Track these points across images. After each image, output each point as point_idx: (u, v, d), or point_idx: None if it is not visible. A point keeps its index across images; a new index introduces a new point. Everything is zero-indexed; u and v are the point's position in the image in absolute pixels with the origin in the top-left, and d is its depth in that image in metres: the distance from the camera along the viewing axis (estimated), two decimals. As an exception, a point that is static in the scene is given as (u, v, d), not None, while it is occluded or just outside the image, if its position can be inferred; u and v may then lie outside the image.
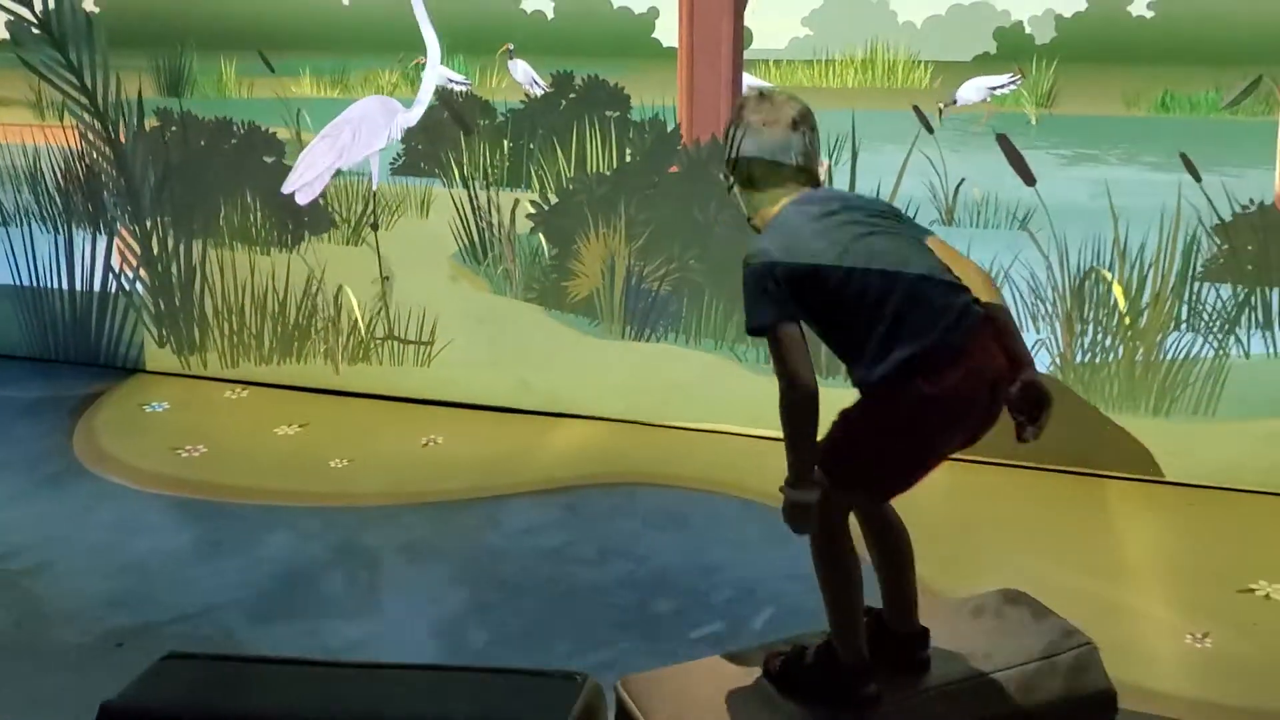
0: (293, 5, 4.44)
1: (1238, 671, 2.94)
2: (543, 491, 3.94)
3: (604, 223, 4.29)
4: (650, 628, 3.12)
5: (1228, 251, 3.71)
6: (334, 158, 4.41)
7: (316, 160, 4.43)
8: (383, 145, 4.38)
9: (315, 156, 4.45)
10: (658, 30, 4.08)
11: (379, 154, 4.43)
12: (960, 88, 3.85)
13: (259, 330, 4.85)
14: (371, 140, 4.35)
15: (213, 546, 3.59)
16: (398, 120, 4.33)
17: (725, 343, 4.29)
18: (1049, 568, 3.35)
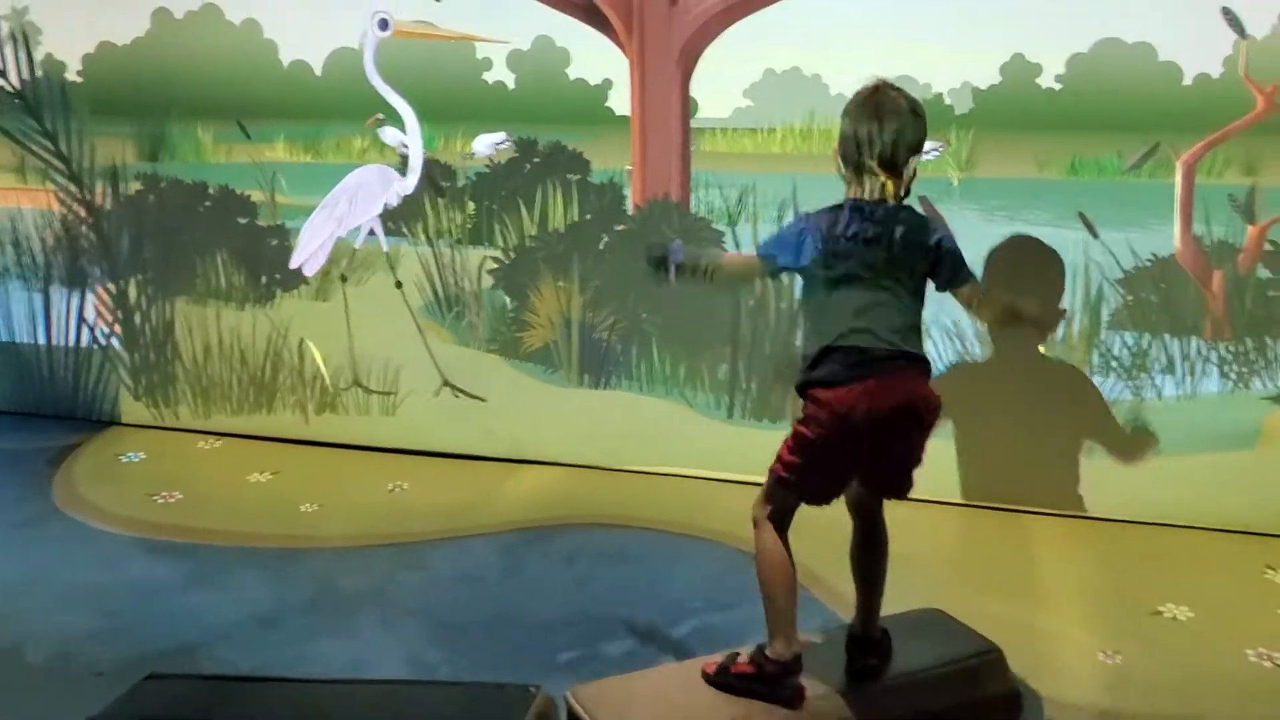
0: (269, 76, 4.69)
1: (1144, 684, 3.20)
2: (505, 532, 4.16)
3: (561, 277, 4.56)
4: (605, 658, 3.33)
5: (1132, 302, 4.03)
6: (333, 226, 4.67)
7: (318, 231, 4.69)
8: (379, 211, 4.63)
9: (315, 228, 4.71)
10: (611, 100, 4.38)
11: (379, 219, 4.68)
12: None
13: (230, 383, 5.07)
14: (368, 207, 4.61)
15: (190, 584, 3.77)
16: (394, 188, 4.59)
17: (676, 389, 4.55)
18: (974, 595, 3.60)
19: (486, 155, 4.26)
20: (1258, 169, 3.83)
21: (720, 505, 4.32)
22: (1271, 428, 3.98)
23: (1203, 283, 3.97)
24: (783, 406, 4.44)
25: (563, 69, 4.42)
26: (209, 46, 4.74)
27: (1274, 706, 3.08)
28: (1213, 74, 3.78)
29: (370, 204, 4.61)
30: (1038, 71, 3.94)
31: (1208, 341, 4.00)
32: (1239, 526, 4.02)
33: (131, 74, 4.87)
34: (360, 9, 4.49)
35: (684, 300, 4.44)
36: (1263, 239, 3.89)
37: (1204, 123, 3.83)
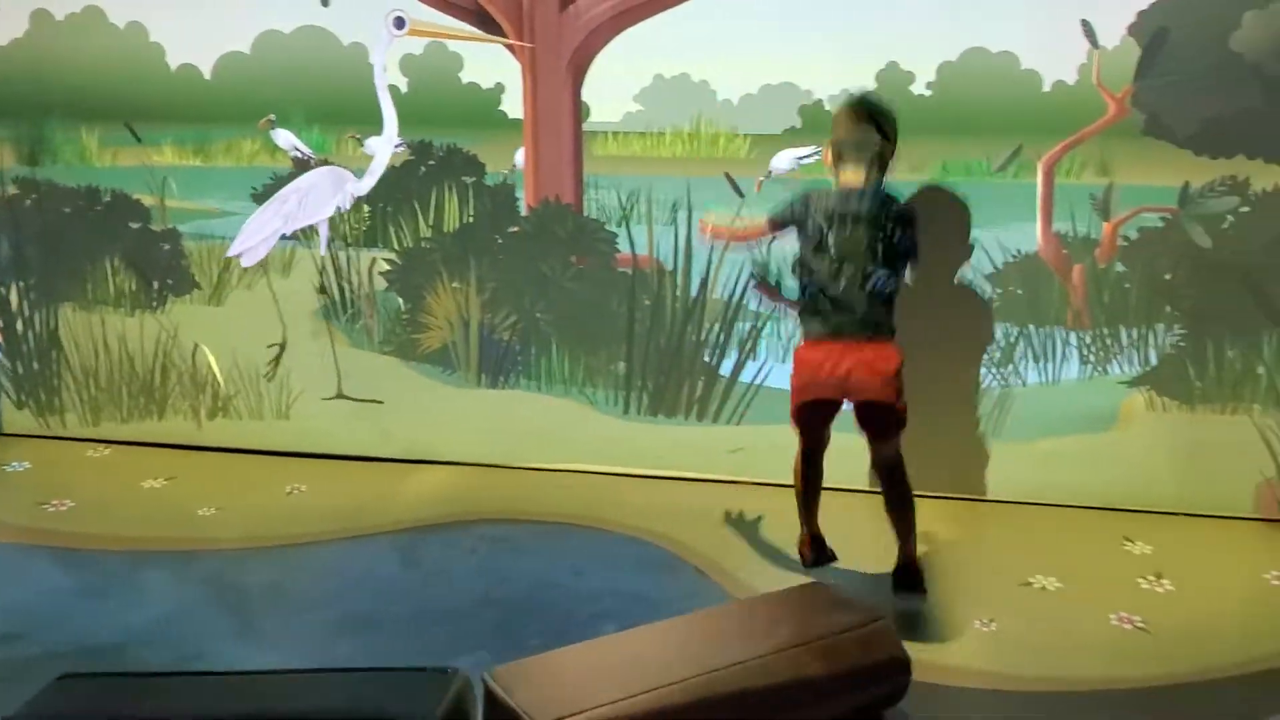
0: (156, 79, 4.66)
1: (1018, 649, 3.43)
2: (404, 531, 4.22)
3: (457, 278, 4.64)
4: (511, 642, 3.43)
5: (1001, 295, 4.30)
6: (279, 223, 4.64)
7: (263, 225, 4.65)
8: (330, 214, 4.62)
9: (262, 221, 4.67)
10: (504, 103, 4.48)
11: (326, 222, 4.67)
12: (774, 159, 4.35)
13: (120, 390, 5.00)
14: (318, 208, 4.60)
15: (90, 591, 3.74)
16: (347, 189, 4.58)
17: (574, 387, 4.67)
18: (862, 574, 3.81)
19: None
20: (1111, 169, 4.13)
21: (616, 498, 4.46)
22: (1128, 410, 4.29)
23: (1063, 276, 4.26)
24: (677, 402, 4.60)
25: (455, 73, 4.50)
26: (92, 49, 4.69)
27: (1135, 664, 3.35)
28: (1069, 81, 4.07)
29: (321, 205, 4.61)
30: (910, 79, 4.18)
31: (1069, 331, 4.29)
32: (1100, 503, 4.31)
33: (8, 76, 4.78)
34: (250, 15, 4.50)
35: (581, 299, 4.57)
36: (1116, 235, 4.19)
37: (1062, 126, 4.11)
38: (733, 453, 4.56)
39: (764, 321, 4.48)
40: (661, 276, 4.49)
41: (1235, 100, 3.96)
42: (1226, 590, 3.78)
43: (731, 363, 4.53)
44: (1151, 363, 4.24)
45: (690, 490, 4.55)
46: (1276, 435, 4.17)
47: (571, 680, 2.75)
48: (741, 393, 4.53)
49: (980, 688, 3.25)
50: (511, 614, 3.61)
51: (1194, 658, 3.37)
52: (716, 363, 4.54)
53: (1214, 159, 4.04)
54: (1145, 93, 4.02)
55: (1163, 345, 4.23)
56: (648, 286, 4.51)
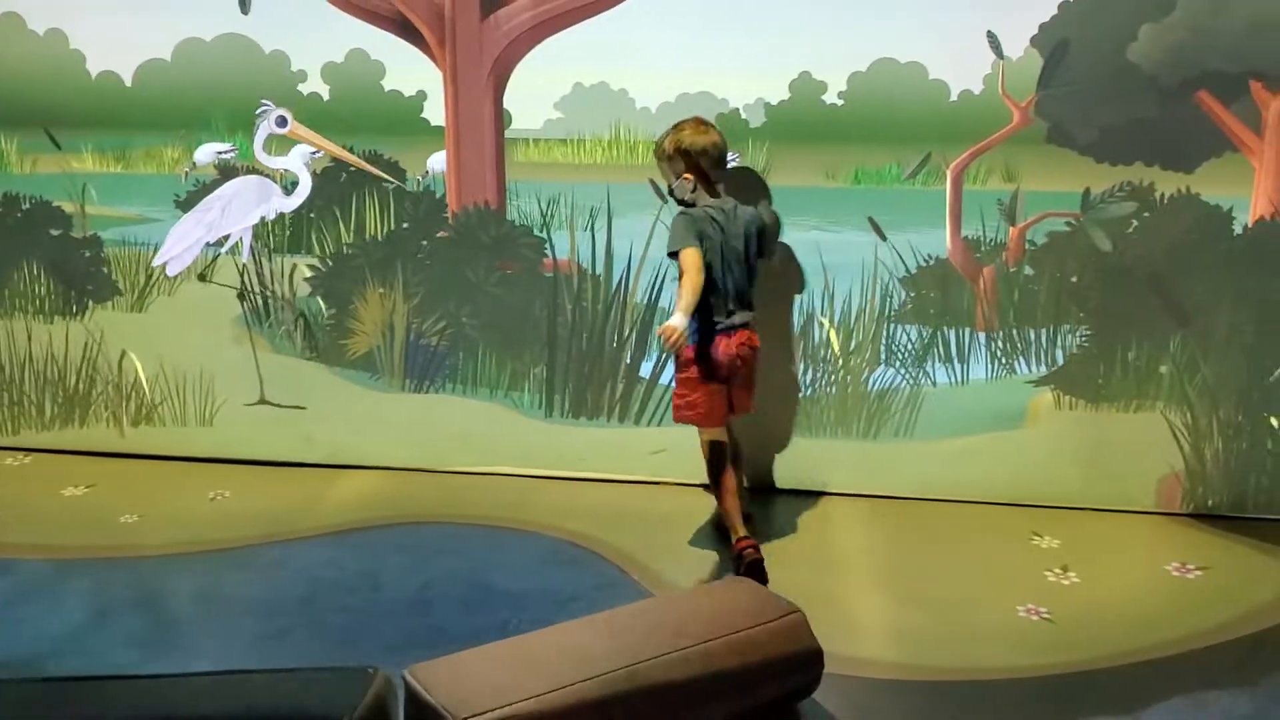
0: (76, 86, 4.63)
1: (927, 640, 3.54)
2: (329, 534, 4.24)
3: (381, 283, 4.67)
4: (436, 640, 3.47)
5: (915, 298, 4.43)
6: (202, 231, 4.63)
7: (186, 234, 4.65)
8: (254, 222, 4.62)
9: (184, 230, 4.66)
10: (426, 111, 4.53)
11: (250, 230, 4.67)
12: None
13: (40, 397, 4.96)
14: (241, 217, 4.60)
15: (9, 599, 3.71)
16: (274, 202, 4.60)
17: (500, 391, 4.72)
18: (777, 569, 3.90)
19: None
20: (1017, 175, 4.28)
21: (540, 499, 4.52)
22: (1035, 408, 4.44)
23: (972, 279, 4.40)
24: (599, 404, 4.68)
25: (377, 81, 4.53)
26: (11, 55, 4.65)
27: (1041, 654, 3.47)
28: (975, 90, 4.21)
29: (244, 214, 4.61)
30: (823, 89, 4.29)
31: (978, 332, 4.44)
32: (1009, 499, 4.46)
33: (-78, 81, 4.73)
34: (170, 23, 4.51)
35: (505, 305, 4.62)
36: (1023, 239, 4.34)
37: (969, 134, 4.25)
38: (654, 454, 4.64)
39: (684, 325, 4.56)
40: (583, 280, 4.56)
41: (1133, 109, 4.12)
42: (1129, 581, 3.93)
43: (651, 364, 4.61)
44: (1058, 362, 4.40)
45: (613, 491, 4.62)
46: (1180, 431, 4.34)
47: (490, 676, 2.79)
48: (661, 394, 4.62)
49: (890, 678, 3.36)
50: (437, 615, 3.66)
51: (1096, 645, 3.50)
52: (636, 365, 4.61)
53: (1114, 165, 4.21)
54: (1048, 102, 4.18)
55: (1069, 346, 4.38)
56: (569, 291, 4.58)
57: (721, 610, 3.11)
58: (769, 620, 3.07)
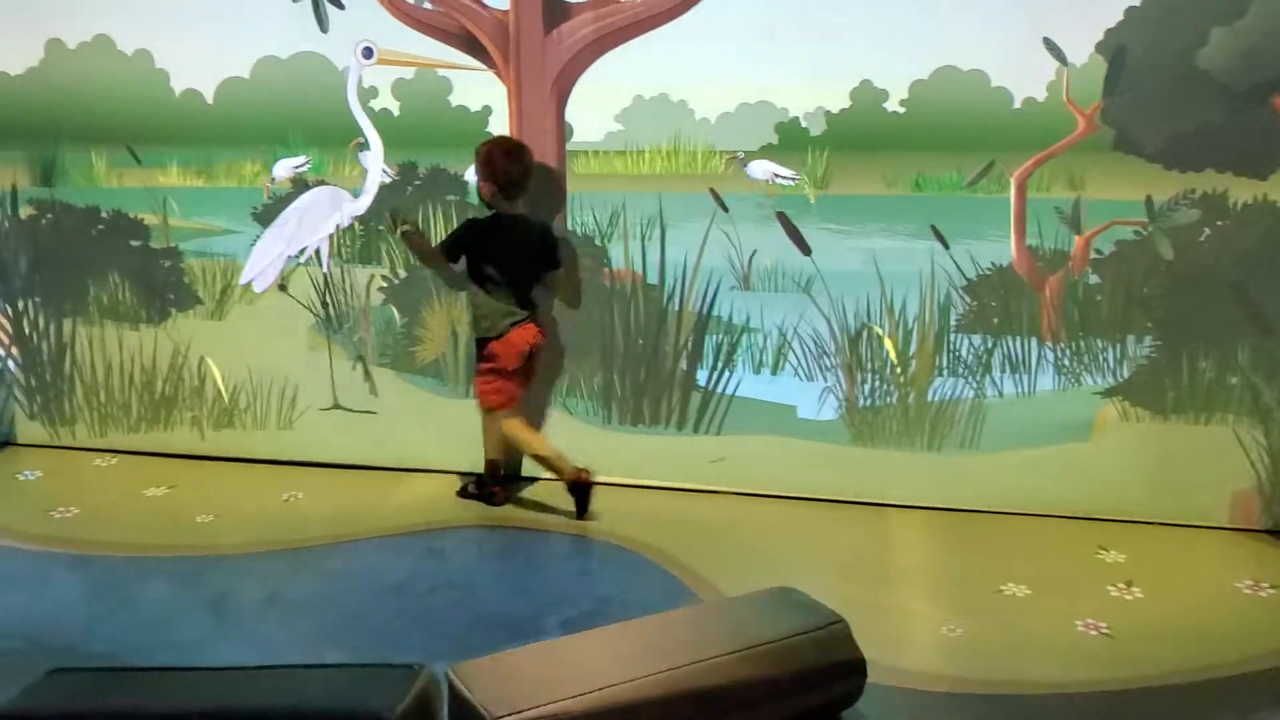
0: (161, 103, 4.84)
1: (982, 653, 3.51)
2: (393, 536, 4.36)
3: (448, 293, 4.78)
4: (487, 641, 3.54)
5: (976, 308, 4.39)
6: (282, 245, 4.82)
7: (268, 249, 4.83)
8: (330, 232, 4.79)
9: (266, 246, 4.85)
10: (491, 125, 4.62)
11: (328, 240, 4.84)
12: (753, 163, 4.45)
13: (127, 401, 5.18)
14: (317, 227, 4.77)
15: (92, 594, 3.90)
16: (345, 209, 4.75)
17: (558, 397, 4.79)
18: (832, 580, 3.90)
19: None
20: (1081, 183, 4.21)
21: (596, 505, 4.57)
22: (1103, 420, 4.35)
23: (1037, 288, 4.34)
24: (656, 412, 4.71)
25: (445, 96, 4.65)
26: (102, 75, 4.87)
27: (1098, 669, 3.41)
28: (1038, 98, 4.16)
29: (320, 225, 4.77)
30: (884, 96, 4.28)
31: (1044, 343, 4.37)
32: (1076, 512, 4.38)
33: (25, 102, 4.97)
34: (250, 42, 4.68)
35: (564, 313, 4.70)
36: (1088, 247, 4.27)
37: (1032, 142, 4.20)
38: (713, 462, 4.66)
39: (740, 334, 4.59)
40: (640, 290, 4.61)
41: (1201, 115, 4.03)
42: (1196, 598, 3.83)
43: (709, 374, 4.63)
44: (1125, 374, 4.31)
45: (669, 499, 4.65)
46: (1257, 444, 4.22)
47: (530, 676, 2.86)
48: (719, 403, 4.64)
49: (938, 690, 3.33)
50: (489, 616, 3.73)
51: (1155, 663, 3.43)
52: (693, 373, 4.65)
53: (1183, 173, 4.12)
54: (1113, 108, 4.11)
55: (1136, 356, 4.29)
56: (627, 299, 4.63)
57: (765, 617, 3.13)
58: (812, 629, 3.08)
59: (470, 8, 4.50)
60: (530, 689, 2.81)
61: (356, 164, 4.77)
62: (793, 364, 4.55)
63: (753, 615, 3.12)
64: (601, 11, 4.40)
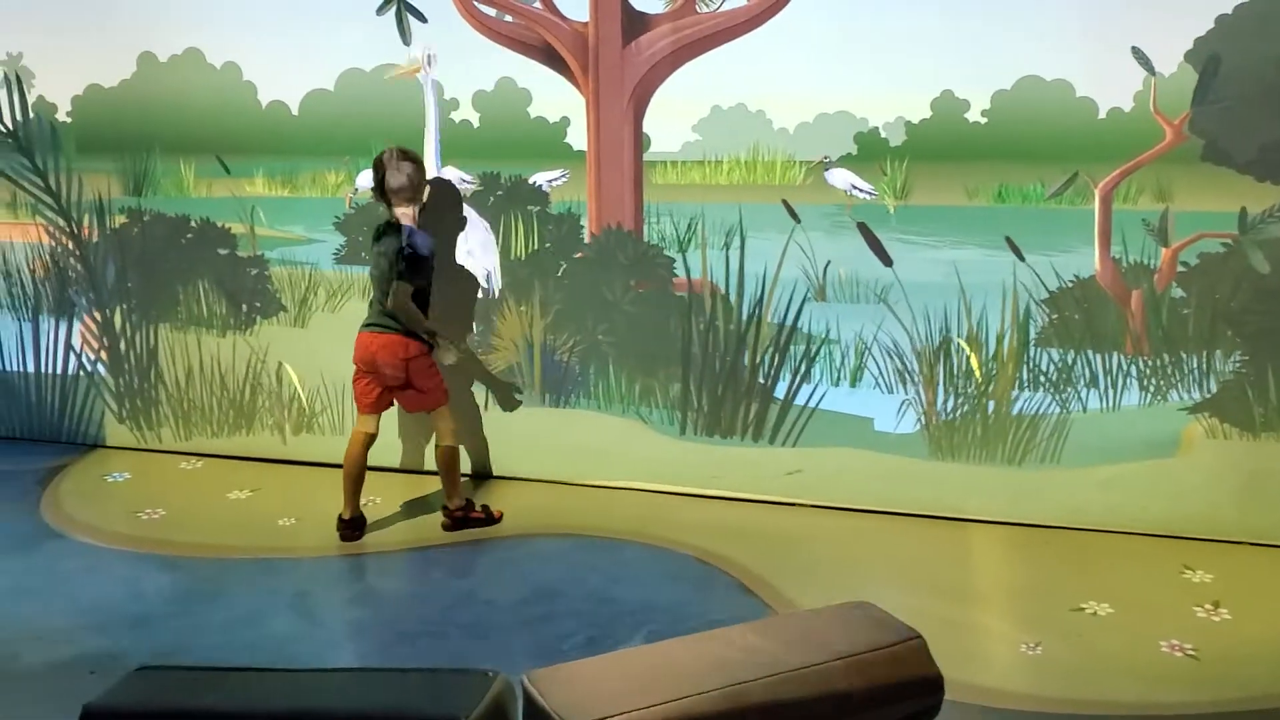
0: (248, 114, 4.96)
1: (1062, 672, 3.45)
2: (466, 542, 4.40)
3: (523, 301, 4.82)
4: (560, 650, 3.57)
5: (1058, 320, 4.31)
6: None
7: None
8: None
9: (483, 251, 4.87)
10: (569, 136, 4.66)
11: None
12: (834, 170, 4.43)
13: (212, 406, 5.30)
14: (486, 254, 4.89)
15: (177, 593, 3.99)
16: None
17: (633, 407, 4.80)
18: (908, 595, 3.86)
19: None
20: (1169, 195, 4.13)
21: (670, 515, 4.58)
22: (1189, 437, 4.25)
23: (1122, 302, 4.26)
24: (732, 423, 4.71)
25: (524, 108, 4.70)
26: (191, 87, 5.01)
27: (1181, 691, 3.33)
28: (1125, 108, 4.08)
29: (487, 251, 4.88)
30: (965, 107, 4.23)
31: (1128, 357, 4.29)
32: (1159, 530, 4.28)
33: (117, 113, 5.13)
34: (334, 54, 4.78)
35: (640, 322, 4.71)
36: (1175, 260, 4.18)
37: (1118, 153, 4.13)
38: (790, 474, 4.64)
39: (818, 345, 4.56)
40: (717, 300, 4.61)
41: (1295, 125, 3.93)
42: (1286, 621, 3.73)
43: (786, 385, 4.62)
44: (1212, 389, 4.20)
45: (744, 510, 4.64)
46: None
47: (604, 686, 2.86)
48: (797, 415, 4.62)
49: (1016, 709, 3.27)
50: (563, 624, 3.75)
51: (1241, 686, 3.34)
52: (771, 385, 4.63)
53: (1275, 184, 4.01)
54: (1202, 118, 4.02)
55: (1223, 371, 4.19)
56: (704, 310, 4.63)
57: (839, 632, 3.09)
58: (888, 644, 3.03)
59: (550, 20, 4.55)
60: (605, 698, 2.81)
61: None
62: (872, 376, 4.51)
63: (827, 629, 3.07)
64: (680, 23, 4.42)
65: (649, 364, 4.75)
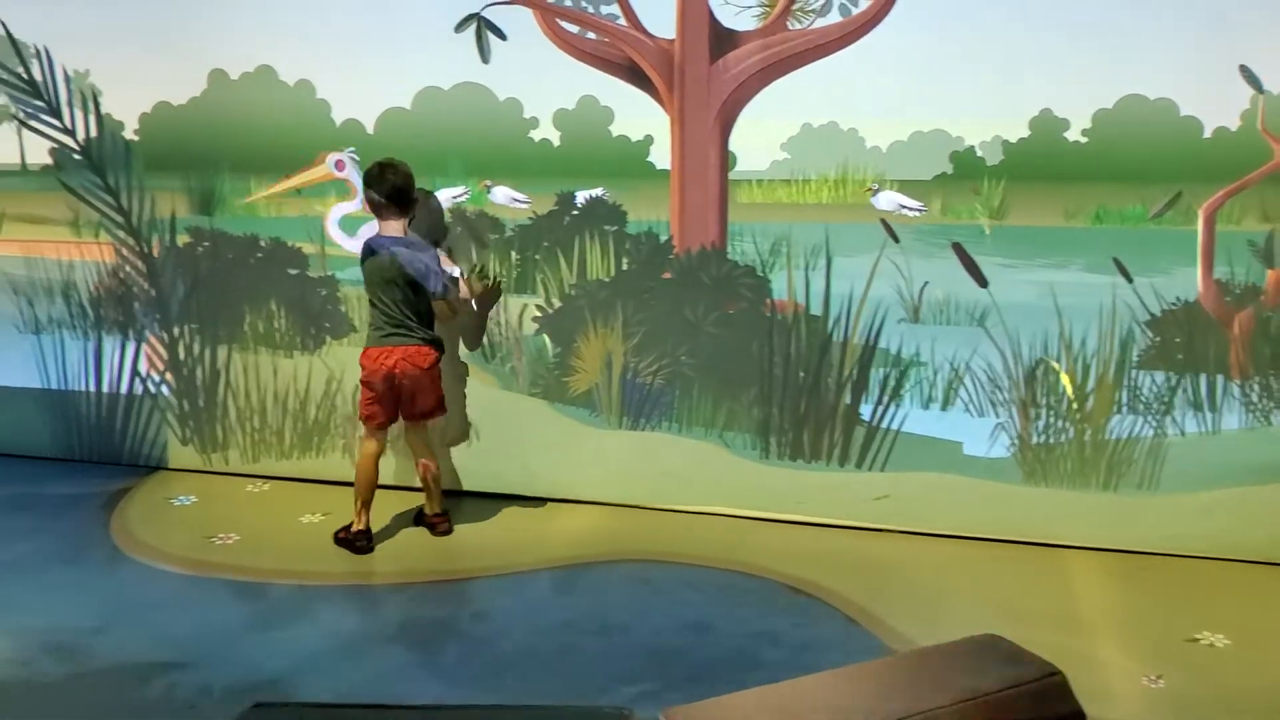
0: (322, 133, 4.88)
1: (1186, 707, 3.35)
2: (551, 569, 4.30)
3: (603, 323, 4.74)
4: (663, 681, 3.47)
5: (1159, 343, 4.22)
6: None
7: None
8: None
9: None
10: (652, 154, 4.58)
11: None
12: (881, 193, 4.37)
13: (280, 428, 5.21)
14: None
15: (261, 621, 3.89)
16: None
17: (714, 430, 4.71)
18: (1017, 624, 3.74)
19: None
20: (1275, 216, 4.04)
21: (756, 542, 4.48)
22: (1296, 462, 4.16)
23: (1225, 324, 4.16)
24: (818, 446, 4.61)
25: (606, 126, 4.62)
26: (263, 105, 4.93)
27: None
28: (1231, 127, 4.00)
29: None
30: (1065, 126, 4.15)
31: (1231, 380, 4.19)
32: (1263, 557, 4.18)
33: (186, 131, 5.05)
34: (411, 72, 4.71)
35: (722, 345, 4.62)
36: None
37: (1223, 173, 4.04)
38: (878, 500, 4.54)
39: (908, 367, 4.47)
40: (802, 321, 4.52)
41: None
42: None
43: (875, 409, 4.52)
44: (1319, 414, 4.11)
45: (832, 536, 4.54)
46: None
47: (746, 724, 2.77)
48: (885, 439, 4.52)
49: (1150, 746, 3.17)
50: (660, 653, 3.65)
51: (1375, 722, 3.24)
52: (857, 407, 4.53)
53: (1387, 205, 3.93)
54: (1312, 137, 3.93)
55: (1331, 396, 4.09)
56: (788, 331, 4.54)
57: (974, 669, 2.99)
58: (1027, 682, 2.94)
59: (635, 37, 4.47)
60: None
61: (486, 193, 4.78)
62: (964, 399, 4.41)
63: (962, 665, 2.98)
64: (770, 40, 4.34)
65: (732, 386, 4.66)
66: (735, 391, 4.67)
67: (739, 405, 4.67)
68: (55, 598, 4.07)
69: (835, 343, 4.51)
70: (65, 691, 3.44)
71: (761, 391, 4.62)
